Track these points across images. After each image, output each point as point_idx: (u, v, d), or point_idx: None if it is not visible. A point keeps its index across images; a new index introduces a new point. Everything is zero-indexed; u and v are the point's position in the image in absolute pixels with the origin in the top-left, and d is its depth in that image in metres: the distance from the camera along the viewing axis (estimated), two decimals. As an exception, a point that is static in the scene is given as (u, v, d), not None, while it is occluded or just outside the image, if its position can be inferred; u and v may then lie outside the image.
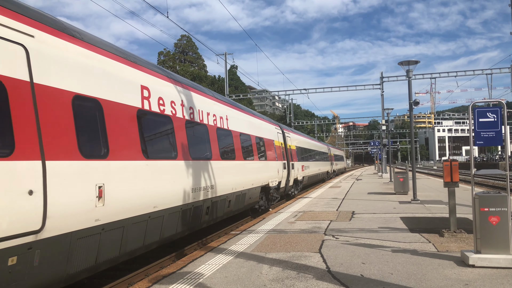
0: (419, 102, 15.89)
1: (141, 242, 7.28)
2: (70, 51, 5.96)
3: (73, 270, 5.64)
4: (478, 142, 6.83)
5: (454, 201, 8.68)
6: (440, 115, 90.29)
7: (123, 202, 6.61)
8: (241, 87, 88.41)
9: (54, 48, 5.63)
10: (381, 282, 5.72)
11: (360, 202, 16.09)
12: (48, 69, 5.41)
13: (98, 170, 6.06)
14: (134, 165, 7.00)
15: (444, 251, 7.42)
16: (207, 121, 10.69)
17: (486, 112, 6.78)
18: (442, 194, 18.11)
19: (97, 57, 6.59)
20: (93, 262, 6.04)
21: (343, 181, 32.69)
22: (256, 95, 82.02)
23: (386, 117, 36.09)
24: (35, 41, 5.28)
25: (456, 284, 5.53)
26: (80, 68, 6.08)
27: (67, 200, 5.39)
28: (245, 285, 5.75)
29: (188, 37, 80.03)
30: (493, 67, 37.78)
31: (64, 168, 5.42)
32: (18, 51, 4.96)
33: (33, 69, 5.13)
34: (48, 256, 5.11)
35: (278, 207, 15.75)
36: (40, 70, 5.26)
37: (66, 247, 5.42)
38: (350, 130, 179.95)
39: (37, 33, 5.35)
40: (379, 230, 9.75)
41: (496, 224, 6.33)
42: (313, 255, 7.42)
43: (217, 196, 10.71)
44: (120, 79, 7.07)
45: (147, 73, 8.17)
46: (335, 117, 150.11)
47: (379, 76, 40.23)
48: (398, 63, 15.65)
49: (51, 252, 5.16)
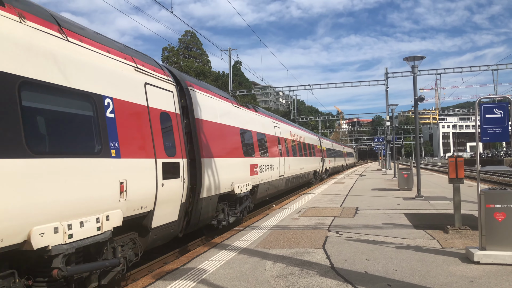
0: (424, 98, 15.78)
1: (281, 187, 18.30)
2: (203, 97, 10.18)
3: (264, 194, 15.07)
4: (484, 138, 6.76)
5: (459, 198, 8.62)
6: (445, 111, 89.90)
7: (293, 172, 20.26)
8: (245, 83, 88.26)
9: (194, 92, 9.69)
10: (385, 278, 5.69)
11: (364, 198, 16.04)
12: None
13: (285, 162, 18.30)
14: (291, 159, 19.99)
15: (448, 248, 7.38)
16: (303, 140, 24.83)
17: (493, 108, 6.70)
18: (446, 191, 18.03)
19: (212, 99, 10.94)
20: (267, 193, 15.67)
21: (347, 177, 32.62)
22: (260, 91, 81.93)
23: (391, 113, 35.92)
24: (178, 90, 8.75)
25: (460, 281, 5.49)
26: (206, 105, 10.25)
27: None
28: (249, 281, 5.74)
29: (192, 32, 79.95)
30: (499, 63, 37.53)
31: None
32: (171, 95, 8.37)
33: (176, 104, 8.53)
34: (260, 188, 14.41)
35: (282, 203, 15.73)
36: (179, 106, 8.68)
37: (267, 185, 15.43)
38: (354, 126, 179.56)
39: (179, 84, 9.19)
40: (383, 226, 9.71)
41: (502, 220, 6.28)
42: (317, 251, 7.40)
43: (301, 173, 23.11)
44: (230, 112, 12.23)
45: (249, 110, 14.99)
46: (339, 113, 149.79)
47: (384, 72, 40.02)
48: (403, 58, 15.54)
49: (260, 187, 14.28)
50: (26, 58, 4.77)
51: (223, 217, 11.14)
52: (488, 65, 38.01)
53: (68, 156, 5.18)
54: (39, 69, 4.96)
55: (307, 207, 13.85)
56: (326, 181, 29.05)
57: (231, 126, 12.06)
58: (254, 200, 14.19)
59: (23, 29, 4.85)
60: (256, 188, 14.02)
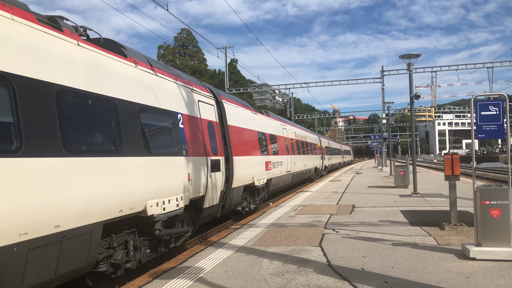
0: (420, 95, 15.83)
1: (288, 181, 20.82)
2: (231, 107, 12.64)
3: (275, 187, 17.86)
4: (480, 135, 6.78)
5: (455, 194, 8.66)
6: (441, 109, 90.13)
7: (298, 168, 22.94)
8: (241, 81, 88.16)
9: (225, 104, 12.00)
10: (382, 275, 5.71)
11: (360, 195, 16.08)
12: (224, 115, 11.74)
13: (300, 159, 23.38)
14: (296, 157, 22.25)
15: (444, 244, 7.41)
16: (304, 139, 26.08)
17: (488, 105, 6.73)
18: (442, 188, 18.10)
19: (237, 108, 13.48)
20: (277, 186, 18.40)
21: (343, 175, 32.68)
22: (256, 89, 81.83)
23: (387, 110, 36.00)
24: (216, 103, 11.34)
25: (457, 277, 5.52)
26: (234, 114, 12.75)
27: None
28: (246, 279, 5.74)
29: (188, 30, 79.63)
30: (494, 61, 37.60)
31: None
32: (213, 108, 10.94)
33: (216, 115, 11.11)
34: (272, 182, 16.82)
35: (279, 201, 15.74)
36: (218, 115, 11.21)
37: (278, 179, 17.90)
38: (350, 124, 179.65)
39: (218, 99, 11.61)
40: (379, 223, 9.74)
41: (497, 217, 6.32)
42: (314, 249, 7.41)
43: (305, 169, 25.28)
44: (250, 118, 14.81)
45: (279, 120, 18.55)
46: (335, 111, 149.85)
47: (380, 70, 40.08)
48: (399, 56, 15.56)
49: (272, 181, 16.62)
50: (140, 90, 7.30)
51: (246, 204, 13.80)
52: (484, 62, 38.09)
53: (166, 155, 7.85)
54: (148, 97, 7.51)
55: (304, 204, 13.86)
56: (323, 179, 29.12)
57: (251, 129, 14.62)
58: (268, 192, 16.54)
59: (137, 72, 7.39)
60: (269, 181, 16.38)
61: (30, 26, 5.11)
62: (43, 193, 4.84)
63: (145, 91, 7.43)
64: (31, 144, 4.73)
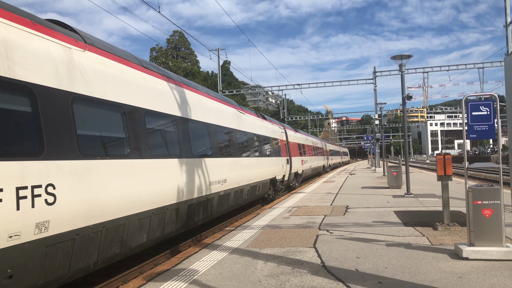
0: (412, 96, 15.92)
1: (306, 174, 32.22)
2: (289, 131, 25.54)
3: (306, 175, 30.83)
4: (471, 135, 6.85)
5: (447, 195, 8.71)
6: (433, 109, 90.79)
7: (315, 165, 35.34)
8: (234, 82, 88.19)
9: (286, 130, 24.49)
10: (376, 276, 5.73)
11: (354, 196, 16.14)
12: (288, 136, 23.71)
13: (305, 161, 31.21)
14: (309, 158, 32.02)
15: (438, 244, 7.46)
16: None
17: (479, 105, 6.79)
18: (435, 188, 18.22)
19: (290, 130, 26.57)
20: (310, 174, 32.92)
21: (336, 176, 32.78)
22: (249, 91, 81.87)
23: (379, 111, 36.20)
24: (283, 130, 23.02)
25: (450, 277, 5.56)
26: (289, 134, 24.55)
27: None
28: (240, 281, 5.73)
29: (181, 32, 79.55)
30: (485, 61, 37.98)
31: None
32: (284, 134, 22.88)
33: (284, 137, 22.86)
34: (304, 172, 29.30)
35: (272, 203, 15.76)
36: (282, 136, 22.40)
37: (306, 171, 30.20)
38: (343, 124, 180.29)
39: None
40: (373, 224, 9.78)
41: (489, 216, 6.37)
42: (308, 250, 7.42)
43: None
44: (295, 135, 27.08)
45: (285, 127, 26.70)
46: (328, 112, 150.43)
47: (372, 71, 40.29)
48: (391, 57, 15.65)
49: (304, 172, 28.96)
50: (266, 131, 18.04)
51: (294, 183, 24.57)
52: (475, 63, 38.48)
53: (277, 156, 19.30)
54: (268, 132, 18.51)
55: (298, 206, 13.88)
56: (317, 180, 29.23)
57: (295, 142, 25.98)
58: (302, 178, 27.98)
59: (263, 122, 18.46)
60: (303, 171, 27.79)
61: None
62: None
63: (269, 132, 16.93)
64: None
